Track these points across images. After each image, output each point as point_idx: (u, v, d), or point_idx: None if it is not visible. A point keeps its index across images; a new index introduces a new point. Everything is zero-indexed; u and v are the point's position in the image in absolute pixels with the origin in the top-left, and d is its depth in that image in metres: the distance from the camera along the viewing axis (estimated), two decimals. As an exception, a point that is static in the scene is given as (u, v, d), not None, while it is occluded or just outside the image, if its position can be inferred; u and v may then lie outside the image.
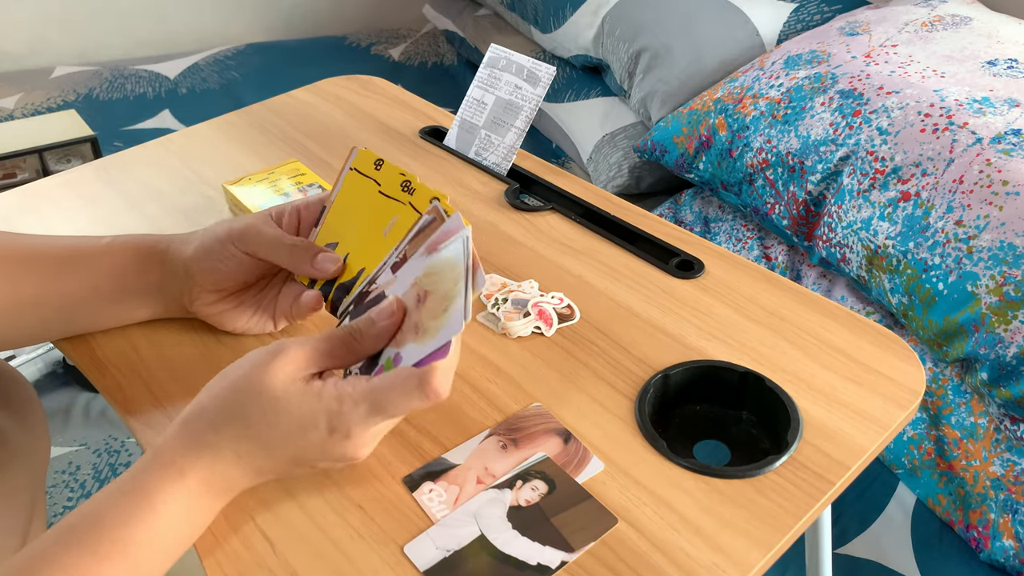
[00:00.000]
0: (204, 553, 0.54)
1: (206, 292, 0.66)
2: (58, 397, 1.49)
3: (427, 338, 0.51)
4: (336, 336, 0.55)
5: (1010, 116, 1.23)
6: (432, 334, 0.51)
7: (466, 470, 0.58)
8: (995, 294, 1.10)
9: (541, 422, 0.62)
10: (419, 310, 0.54)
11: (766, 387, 0.64)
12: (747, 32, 1.72)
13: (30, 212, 0.87)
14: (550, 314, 0.71)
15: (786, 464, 0.59)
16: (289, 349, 0.53)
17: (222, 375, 0.54)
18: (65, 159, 1.74)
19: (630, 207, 0.85)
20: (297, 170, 0.88)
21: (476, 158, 0.92)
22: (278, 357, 0.53)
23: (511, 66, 0.90)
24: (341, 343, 0.55)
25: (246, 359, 0.54)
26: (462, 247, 0.53)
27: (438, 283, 0.53)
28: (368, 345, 0.55)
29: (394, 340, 0.55)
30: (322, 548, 0.54)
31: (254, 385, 0.52)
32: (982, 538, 1.15)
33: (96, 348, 0.69)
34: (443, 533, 0.54)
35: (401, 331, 0.55)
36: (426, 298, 0.54)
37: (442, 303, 0.52)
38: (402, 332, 0.54)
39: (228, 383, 0.53)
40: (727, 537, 0.54)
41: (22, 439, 0.72)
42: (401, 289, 0.57)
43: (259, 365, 0.53)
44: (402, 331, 0.54)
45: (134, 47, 2.57)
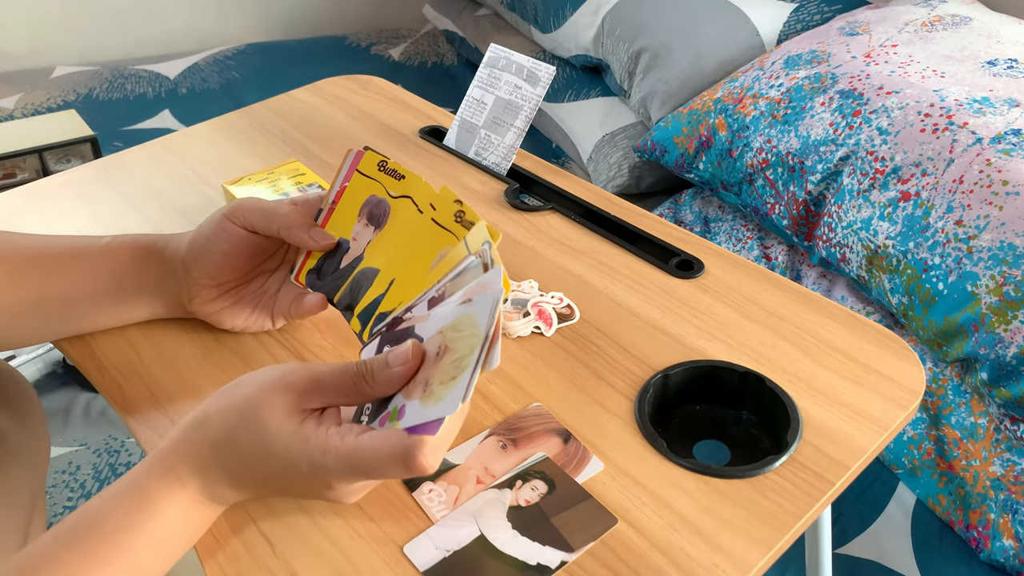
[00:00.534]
0: (204, 554, 0.54)
1: (204, 288, 0.66)
2: (58, 397, 1.49)
3: (430, 403, 0.49)
4: (347, 372, 0.52)
5: (1010, 116, 1.23)
6: (436, 400, 0.49)
7: (466, 470, 0.58)
8: (995, 294, 1.10)
9: (541, 422, 0.62)
10: (435, 364, 0.51)
11: (766, 387, 0.64)
12: (747, 32, 1.72)
13: (30, 212, 0.87)
14: (550, 314, 0.71)
15: (786, 464, 0.59)
16: (296, 378, 0.52)
17: (234, 386, 0.53)
18: (65, 159, 1.74)
19: (630, 207, 0.85)
20: (297, 170, 0.88)
21: (476, 158, 0.92)
22: (283, 384, 0.51)
23: (511, 66, 0.90)
24: (351, 382, 0.52)
25: (258, 376, 0.53)
26: (489, 310, 0.49)
27: (457, 342, 0.50)
28: (378, 389, 0.52)
29: (406, 389, 0.52)
30: (322, 548, 0.54)
31: (253, 412, 0.51)
32: (982, 538, 1.15)
33: (96, 348, 0.69)
34: (443, 533, 0.54)
35: (414, 381, 0.52)
36: (444, 354, 0.51)
37: (452, 370, 0.49)
38: (415, 382, 0.52)
39: (235, 401, 0.52)
40: (727, 537, 0.54)
41: (22, 439, 0.72)
42: (428, 332, 0.54)
43: (264, 388, 0.51)
44: (415, 381, 0.52)
45: (134, 47, 2.57)
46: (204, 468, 0.52)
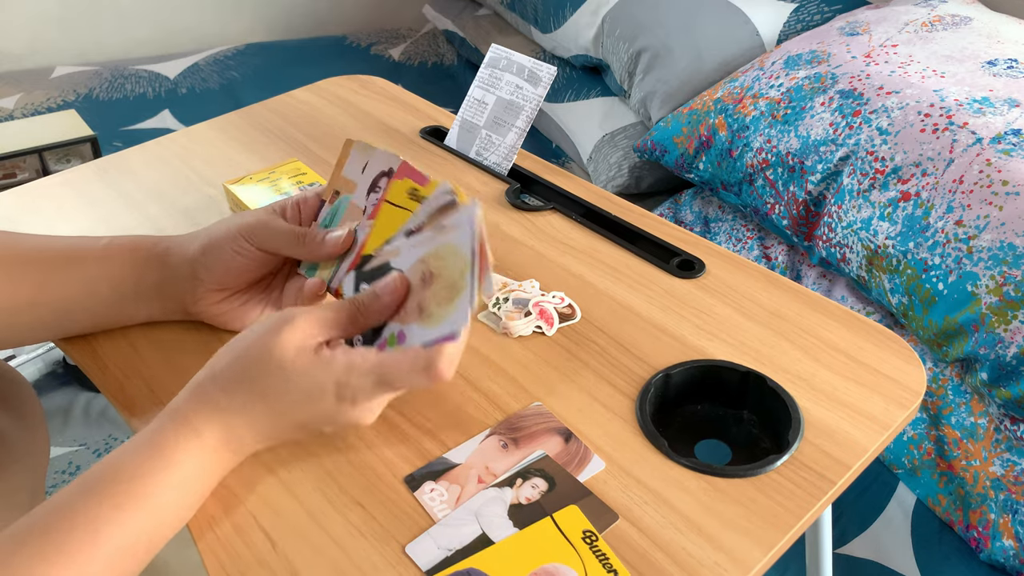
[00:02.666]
0: (205, 550, 0.54)
1: (211, 291, 0.66)
2: (58, 397, 1.49)
3: (433, 323, 0.53)
4: (341, 307, 0.56)
5: (1010, 116, 1.23)
6: (438, 321, 0.53)
7: (467, 469, 0.58)
8: (995, 294, 1.10)
9: (542, 421, 0.62)
10: (424, 291, 0.55)
11: (767, 387, 0.64)
12: (747, 32, 1.72)
13: (30, 212, 0.87)
14: (551, 313, 0.71)
15: (787, 463, 0.59)
16: (297, 318, 0.55)
17: (232, 343, 0.56)
18: (65, 159, 1.74)
19: (631, 207, 0.85)
20: (297, 169, 0.89)
21: (477, 158, 0.92)
22: (287, 326, 0.54)
23: (512, 66, 0.90)
24: (346, 314, 0.56)
25: (255, 327, 0.56)
26: (469, 238, 0.53)
27: (444, 269, 0.54)
28: (372, 318, 0.57)
29: (397, 316, 0.56)
30: (323, 546, 0.54)
31: (265, 353, 0.54)
32: (982, 538, 1.15)
33: (97, 347, 0.69)
34: (444, 532, 0.54)
35: (404, 308, 0.56)
36: (431, 280, 0.55)
37: (448, 292, 0.53)
38: (405, 310, 0.56)
39: (239, 350, 0.55)
40: (728, 536, 0.54)
41: (21, 439, 0.72)
42: (407, 262, 0.58)
43: (269, 333, 0.54)
44: (405, 309, 0.56)
45: (134, 47, 2.57)
46: (222, 414, 0.54)
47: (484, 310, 0.72)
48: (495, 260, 0.78)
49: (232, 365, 0.55)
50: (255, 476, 0.58)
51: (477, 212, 0.53)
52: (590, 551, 0.53)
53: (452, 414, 0.63)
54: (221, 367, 0.55)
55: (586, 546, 0.53)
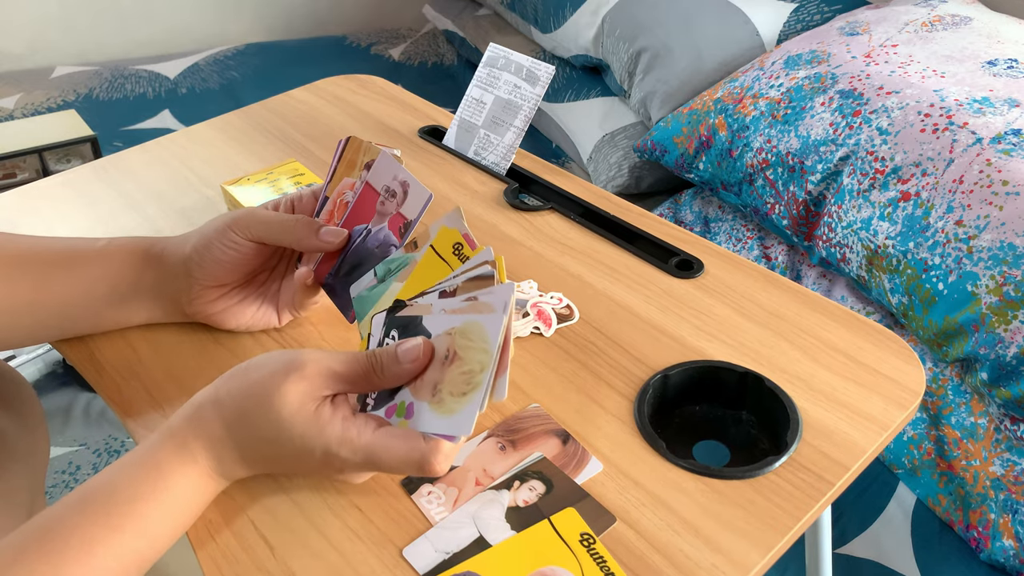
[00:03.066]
0: (203, 556, 0.54)
1: (207, 289, 0.66)
2: (58, 397, 1.49)
3: (441, 412, 0.51)
4: (358, 362, 0.54)
5: (1010, 116, 1.23)
6: (447, 413, 0.51)
7: (465, 472, 0.58)
8: (995, 294, 1.10)
9: (539, 423, 0.61)
10: (444, 370, 0.53)
11: (765, 387, 0.64)
12: (747, 32, 1.72)
13: (30, 213, 0.87)
14: (549, 314, 0.71)
15: (785, 465, 0.59)
16: (308, 366, 0.53)
17: (243, 371, 0.55)
18: (65, 159, 1.74)
19: (629, 206, 0.85)
20: (296, 170, 0.88)
21: (475, 158, 0.92)
22: (296, 371, 0.53)
23: (510, 65, 0.90)
24: (361, 371, 0.54)
25: (268, 362, 0.54)
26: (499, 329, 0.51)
27: (467, 351, 0.52)
28: (387, 382, 0.54)
29: (413, 385, 0.54)
30: (321, 550, 0.54)
31: (267, 398, 0.52)
32: (982, 538, 1.15)
33: (95, 350, 0.69)
34: (441, 536, 0.54)
35: (422, 379, 0.54)
36: (453, 360, 0.53)
37: (464, 385, 0.51)
38: (423, 381, 0.54)
39: (246, 385, 0.54)
40: (726, 538, 0.54)
41: (21, 439, 0.72)
42: (436, 328, 0.55)
43: (276, 376, 0.53)
44: (423, 380, 0.54)
45: (134, 47, 2.57)
46: (217, 446, 0.53)
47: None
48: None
49: (234, 398, 0.54)
50: (253, 481, 0.58)
51: (511, 298, 0.51)
52: (588, 554, 0.53)
53: (450, 415, 0.62)
54: (225, 394, 0.54)
55: (584, 549, 0.53)
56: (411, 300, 0.58)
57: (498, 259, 0.55)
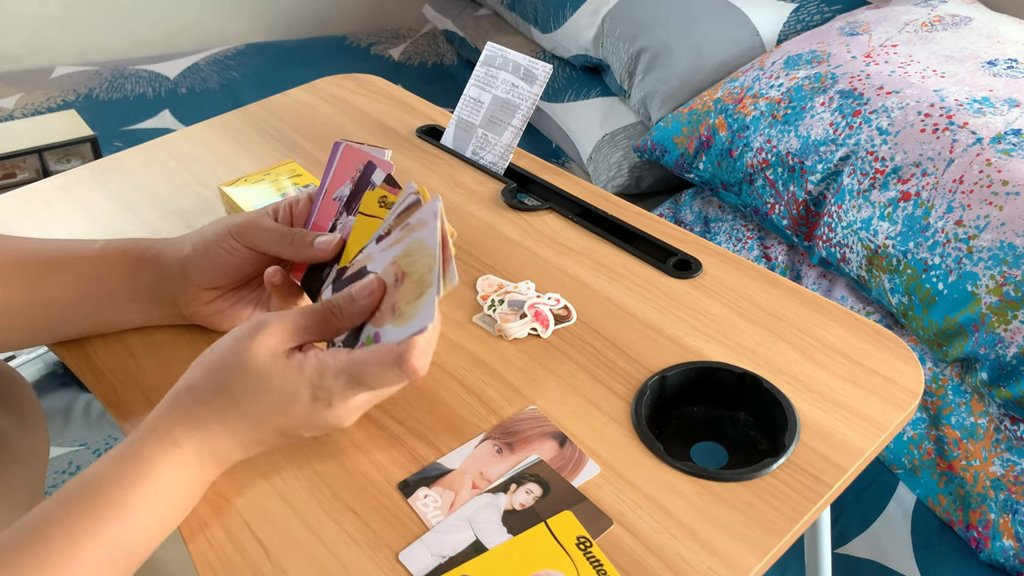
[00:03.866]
0: (199, 559, 0.54)
1: (203, 291, 0.66)
2: (58, 397, 1.49)
3: (404, 321, 0.53)
4: (317, 311, 0.56)
5: (1010, 116, 1.23)
6: (409, 318, 0.53)
7: (461, 475, 0.58)
8: (995, 294, 1.10)
9: (536, 426, 0.61)
10: (397, 290, 0.55)
11: (764, 388, 0.64)
12: (747, 32, 1.71)
13: (27, 215, 0.87)
14: (546, 315, 0.70)
15: (783, 467, 0.58)
16: (270, 323, 0.55)
17: (207, 353, 0.56)
18: (65, 159, 1.73)
19: (628, 206, 0.84)
20: (293, 171, 0.88)
21: (473, 157, 0.92)
22: (260, 332, 0.54)
23: (508, 64, 0.89)
24: (321, 318, 0.56)
25: (229, 335, 0.55)
26: (435, 232, 0.53)
27: (413, 266, 0.54)
28: (347, 322, 0.56)
29: (373, 318, 0.56)
30: (317, 554, 0.54)
31: (239, 360, 0.54)
32: (982, 538, 1.15)
33: (92, 352, 0.69)
34: (438, 539, 0.54)
35: (380, 311, 0.56)
36: (403, 279, 0.55)
37: (417, 288, 0.53)
38: (381, 312, 0.56)
39: (213, 360, 0.55)
40: (723, 541, 0.54)
41: (21, 439, 0.72)
42: (380, 265, 0.57)
43: (242, 340, 0.54)
44: (381, 311, 0.56)
45: (134, 47, 2.57)
46: (200, 425, 0.54)
47: (479, 312, 0.71)
48: (490, 262, 0.78)
49: (207, 375, 0.54)
50: (248, 483, 0.58)
51: (439, 205, 0.53)
52: (584, 558, 0.52)
53: (446, 418, 0.62)
54: (196, 377, 0.55)
55: (580, 552, 0.53)
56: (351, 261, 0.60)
57: (421, 189, 0.57)
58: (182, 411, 0.54)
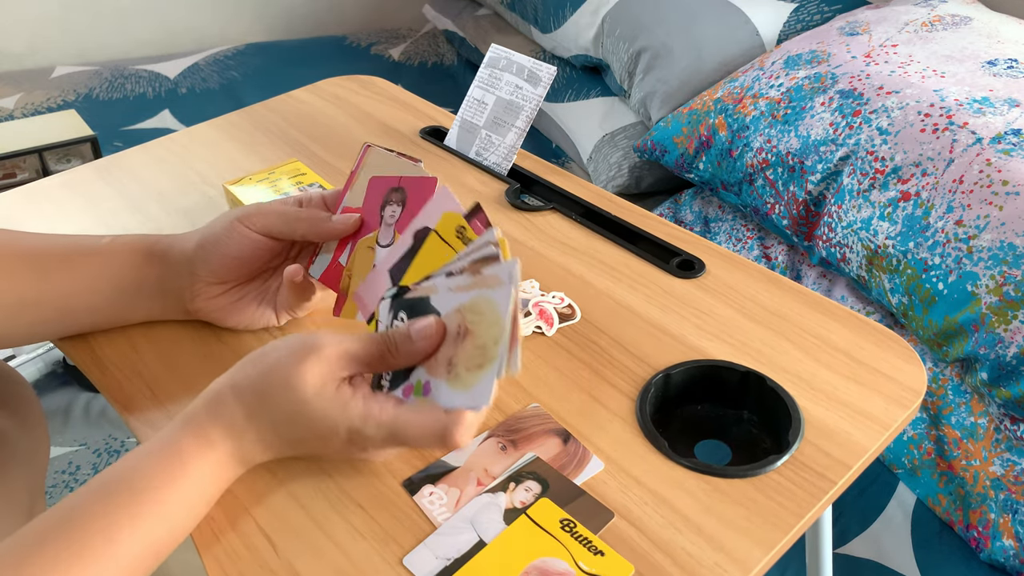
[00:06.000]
0: (206, 552, 0.54)
1: (209, 285, 0.66)
2: (58, 397, 1.49)
3: (459, 386, 0.52)
4: (372, 343, 0.55)
5: (1010, 116, 1.23)
6: (464, 386, 0.52)
7: (466, 472, 0.58)
8: (995, 294, 1.10)
9: (540, 423, 0.62)
10: (457, 345, 0.54)
11: (767, 387, 0.64)
12: (747, 32, 1.72)
13: (31, 212, 0.87)
14: (551, 314, 0.71)
15: (787, 464, 0.59)
16: (325, 348, 0.54)
17: (257, 357, 0.56)
18: (65, 159, 1.73)
19: (631, 207, 0.85)
20: (297, 170, 0.89)
21: (476, 158, 0.92)
22: (314, 354, 0.54)
23: (512, 66, 0.90)
24: (376, 351, 0.55)
25: (284, 346, 0.55)
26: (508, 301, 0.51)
27: (478, 326, 0.53)
28: (402, 361, 0.55)
29: (427, 364, 0.55)
30: (324, 549, 0.54)
31: (286, 381, 0.53)
32: (982, 538, 1.15)
33: (96, 348, 0.69)
34: (441, 542, 0.54)
35: (436, 358, 0.55)
36: (465, 336, 0.53)
37: (479, 358, 0.52)
38: (436, 359, 0.55)
39: (263, 368, 0.55)
40: (728, 536, 0.54)
41: (21, 439, 0.72)
42: (444, 305, 0.56)
43: (294, 359, 0.54)
44: (436, 359, 0.55)
45: (134, 47, 2.57)
46: (237, 432, 0.54)
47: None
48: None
49: (253, 384, 0.54)
50: (256, 478, 0.58)
51: (515, 270, 0.52)
52: (572, 538, 0.53)
53: (452, 415, 0.62)
54: (243, 380, 0.55)
55: (566, 534, 0.53)
56: (416, 284, 0.59)
57: (501, 241, 0.55)
58: (221, 412, 0.54)
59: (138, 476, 0.52)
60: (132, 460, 0.53)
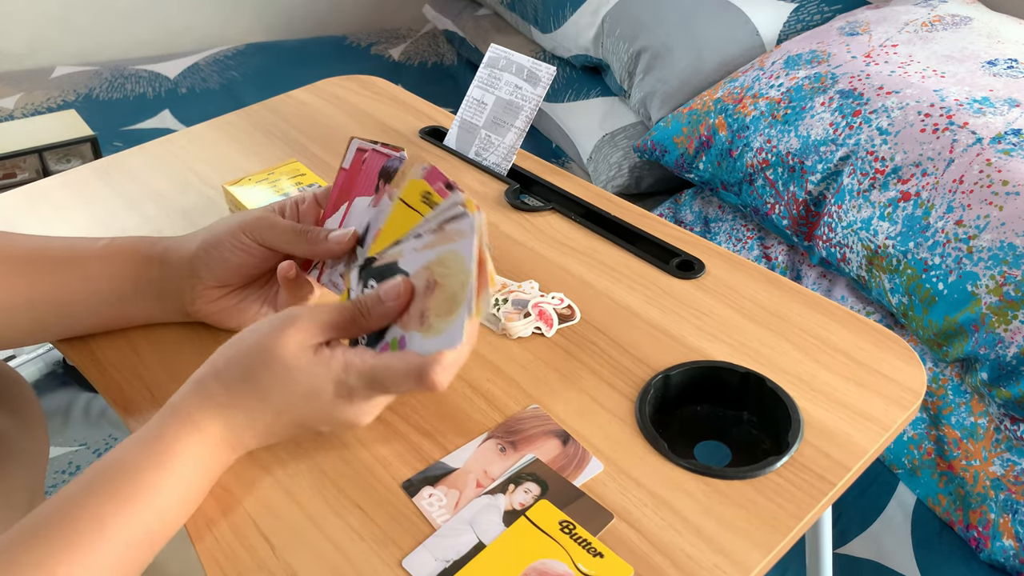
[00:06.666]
0: (204, 553, 0.54)
1: (209, 288, 0.66)
2: (58, 397, 1.49)
3: (432, 334, 0.54)
4: (345, 309, 0.57)
5: (1010, 116, 1.23)
6: (437, 332, 0.53)
7: (466, 474, 0.58)
8: (995, 294, 1.10)
9: (539, 424, 0.61)
10: (427, 298, 0.55)
11: (767, 388, 0.64)
12: (747, 32, 1.72)
13: (30, 213, 0.87)
14: (550, 314, 0.71)
15: (787, 465, 0.59)
16: (300, 318, 0.55)
17: (235, 340, 0.57)
18: (65, 159, 1.73)
19: (630, 207, 0.85)
20: (297, 170, 0.88)
21: (476, 158, 0.92)
22: (290, 325, 0.55)
23: (511, 66, 0.90)
24: (349, 317, 0.57)
25: (258, 325, 0.56)
26: (472, 248, 0.53)
27: (446, 277, 0.54)
28: (374, 322, 0.57)
29: (400, 321, 0.57)
30: (323, 550, 0.54)
31: (267, 352, 0.55)
32: (982, 538, 1.15)
33: (96, 349, 0.69)
34: (440, 544, 0.54)
35: (408, 314, 0.56)
36: (435, 288, 0.55)
37: (449, 304, 0.54)
38: (408, 316, 0.56)
39: (242, 347, 0.56)
40: (728, 538, 0.54)
41: (21, 440, 0.72)
42: (411, 266, 0.58)
43: (272, 332, 0.55)
44: (409, 315, 0.56)
45: (134, 47, 2.57)
46: (224, 413, 0.55)
47: (483, 311, 0.72)
48: (495, 262, 0.78)
49: (234, 362, 0.55)
50: (254, 478, 0.58)
51: (478, 221, 0.53)
52: (571, 539, 0.53)
53: (450, 416, 0.63)
54: (223, 363, 0.56)
55: (566, 536, 0.53)
56: (383, 252, 0.60)
57: (468, 202, 0.56)
58: (206, 395, 0.55)
59: (125, 465, 0.52)
60: (120, 451, 0.53)
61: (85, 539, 0.49)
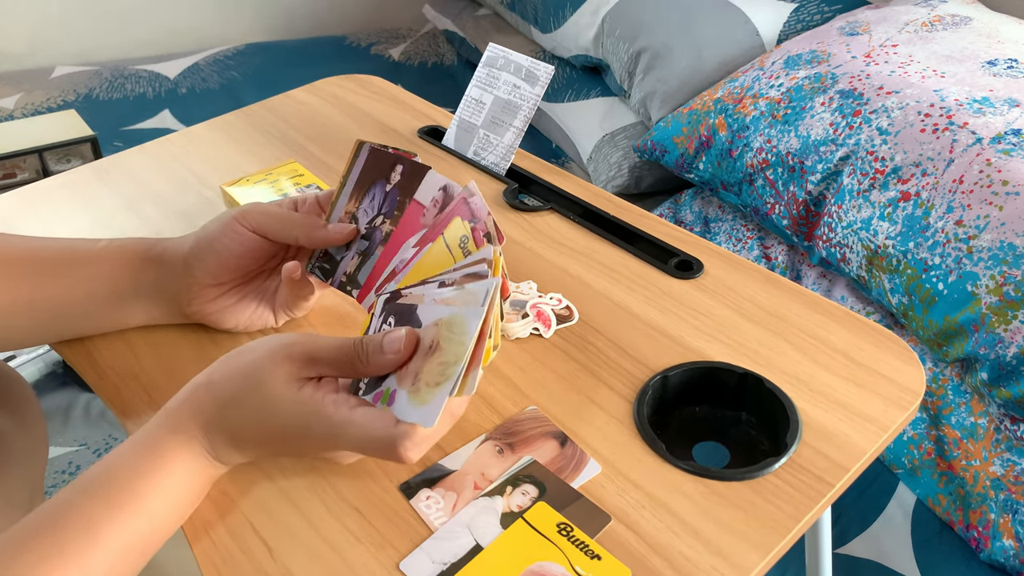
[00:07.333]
0: (201, 556, 0.54)
1: (206, 287, 0.66)
2: (58, 397, 1.49)
3: (415, 402, 0.52)
4: (345, 348, 0.55)
5: (1010, 116, 1.23)
6: (419, 402, 0.51)
7: (463, 476, 0.58)
8: (995, 294, 1.10)
9: (537, 426, 0.61)
10: (426, 358, 0.53)
11: (765, 388, 0.64)
12: (747, 32, 1.72)
13: (29, 214, 0.87)
14: (548, 315, 0.71)
15: (785, 466, 0.59)
16: (296, 346, 0.54)
17: (237, 354, 0.56)
18: (65, 159, 1.73)
19: (629, 207, 0.85)
20: (295, 171, 0.88)
21: (475, 158, 0.92)
22: (285, 354, 0.54)
23: (509, 65, 0.90)
24: (347, 359, 0.55)
25: (260, 345, 0.56)
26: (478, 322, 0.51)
27: (448, 344, 0.52)
28: (371, 370, 0.55)
29: (399, 374, 0.54)
30: (320, 553, 0.54)
31: (255, 378, 0.54)
32: (982, 538, 1.15)
33: (94, 352, 0.69)
34: (438, 547, 0.54)
35: (407, 368, 0.54)
36: (435, 351, 0.53)
37: (438, 375, 0.51)
38: (407, 370, 0.54)
39: (238, 367, 0.55)
40: (726, 540, 0.54)
41: (20, 440, 0.72)
42: (427, 318, 0.55)
43: (264, 357, 0.54)
44: (407, 369, 0.54)
45: (134, 47, 2.57)
46: (209, 427, 0.54)
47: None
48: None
49: (228, 381, 0.55)
50: (251, 481, 0.58)
51: (491, 289, 0.52)
52: (568, 542, 0.53)
53: (449, 417, 0.62)
54: (218, 377, 0.55)
55: (563, 538, 0.53)
56: (410, 288, 0.59)
57: (496, 259, 0.55)
58: (197, 408, 0.55)
59: (118, 471, 0.52)
60: (112, 457, 0.53)
61: (78, 544, 0.49)
